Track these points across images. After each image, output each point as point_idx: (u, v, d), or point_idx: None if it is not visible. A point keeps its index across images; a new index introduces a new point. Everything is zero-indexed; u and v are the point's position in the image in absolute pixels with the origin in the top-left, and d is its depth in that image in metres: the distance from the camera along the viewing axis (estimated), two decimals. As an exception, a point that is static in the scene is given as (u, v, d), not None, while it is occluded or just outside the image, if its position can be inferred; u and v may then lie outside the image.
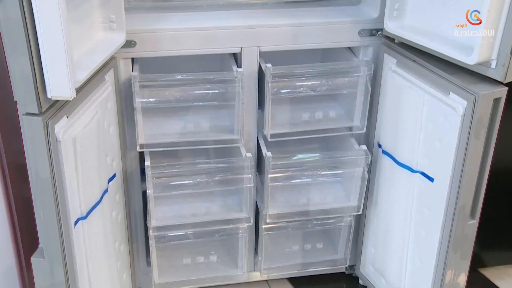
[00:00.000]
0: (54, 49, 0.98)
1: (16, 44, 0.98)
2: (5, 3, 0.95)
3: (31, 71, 1.00)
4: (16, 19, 0.95)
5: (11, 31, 0.97)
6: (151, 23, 1.34)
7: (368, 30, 1.40)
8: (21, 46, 0.98)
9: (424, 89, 1.26)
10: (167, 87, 1.33)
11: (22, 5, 0.95)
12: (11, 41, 0.98)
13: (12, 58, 1.00)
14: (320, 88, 1.39)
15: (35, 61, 1.00)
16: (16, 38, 0.97)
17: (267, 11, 1.44)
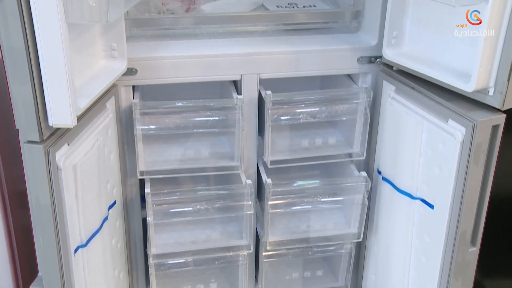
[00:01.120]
0: (56, 77, 0.99)
1: (18, 72, 0.99)
2: (9, 32, 0.96)
3: (33, 99, 1.01)
4: (19, 47, 0.97)
5: (14, 59, 0.98)
6: (152, 51, 1.35)
7: (366, 58, 1.42)
8: (23, 74, 0.99)
9: (423, 116, 1.26)
10: (168, 114, 1.34)
11: (25, 34, 0.96)
12: (14, 69, 0.99)
13: (15, 86, 1.00)
14: (320, 115, 1.39)
15: (37, 89, 1.01)
16: (19, 66, 0.98)
17: (267, 39, 1.45)
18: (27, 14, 0.95)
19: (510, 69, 1.08)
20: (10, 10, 0.94)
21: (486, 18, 1.05)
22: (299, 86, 1.50)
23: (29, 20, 0.96)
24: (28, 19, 0.96)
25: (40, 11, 0.95)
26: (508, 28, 1.07)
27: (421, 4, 1.25)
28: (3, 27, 0.96)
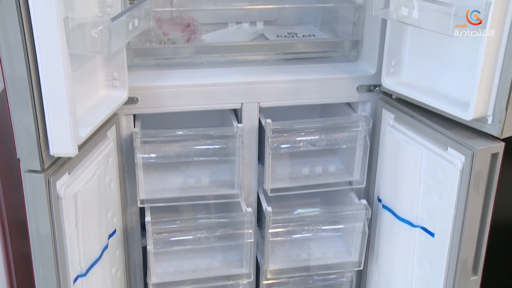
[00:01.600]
0: (58, 107, 1.00)
1: (21, 102, 1.00)
2: (12, 61, 0.97)
3: (35, 128, 1.01)
4: (22, 77, 0.98)
5: (17, 88, 0.99)
6: (153, 80, 1.36)
7: (366, 86, 1.43)
8: (25, 104, 1.00)
9: (423, 144, 1.27)
10: (168, 143, 1.35)
11: (28, 63, 0.97)
12: (16, 98, 1.00)
13: (17, 115, 1.01)
14: (320, 143, 1.40)
15: (38, 119, 1.01)
16: (21, 95, 0.99)
17: (267, 68, 1.47)
18: (30, 44, 0.97)
19: (508, 98, 1.09)
20: (14, 40, 0.96)
21: (483, 48, 1.07)
22: (299, 114, 1.51)
23: (32, 50, 0.97)
24: (31, 49, 0.97)
25: (43, 42, 0.96)
26: (504, 59, 1.08)
27: (419, 34, 1.27)
28: (6, 56, 0.97)
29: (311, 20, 1.72)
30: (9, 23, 0.95)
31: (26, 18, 0.95)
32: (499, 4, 1.04)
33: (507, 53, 1.07)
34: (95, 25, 1.02)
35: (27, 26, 0.95)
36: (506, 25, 1.06)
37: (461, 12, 1.07)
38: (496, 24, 1.05)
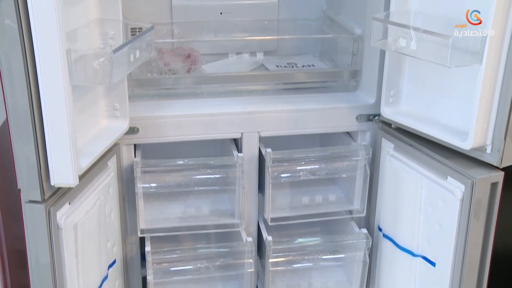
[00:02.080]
0: (59, 137, 1.01)
1: (22, 132, 1.01)
2: (14, 91, 0.98)
3: (36, 159, 1.02)
4: (24, 107, 0.99)
5: (19, 119, 1.00)
6: (154, 110, 1.37)
7: (365, 116, 1.44)
8: (27, 134, 1.01)
9: (422, 173, 1.27)
10: (169, 172, 1.35)
11: (30, 94, 0.98)
12: (17, 128, 1.01)
13: (18, 145, 1.02)
14: (320, 172, 1.40)
15: (40, 149, 1.02)
16: (23, 125, 1.00)
17: (267, 97, 1.48)
18: (32, 75, 0.98)
19: (506, 128, 1.10)
20: (17, 71, 0.97)
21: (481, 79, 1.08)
22: (299, 144, 1.52)
23: (34, 81, 0.98)
24: (33, 80, 0.98)
25: (46, 73, 0.98)
26: (502, 89, 1.09)
27: (417, 64, 1.28)
28: (9, 87, 0.99)
29: (311, 50, 1.74)
30: (12, 54, 0.96)
31: (29, 49, 0.96)
32: (495, 36, 1.05)
33: (504, 83, 1.09)
34: (97, 57, 1.03)
35: (30, 57, 0.97)
36: (503, 57, 1.07)
37: (458, 43, 1.09)
38: (493, 56, 1.07)
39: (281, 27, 1.72)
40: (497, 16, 1.04)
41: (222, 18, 1.68)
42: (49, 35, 0.95)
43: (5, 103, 1.01)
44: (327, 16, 1.70)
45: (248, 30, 1.67)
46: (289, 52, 1.73)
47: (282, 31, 1.72)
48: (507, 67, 1.08)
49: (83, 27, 1.13)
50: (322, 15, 1.73)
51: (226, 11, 1.68)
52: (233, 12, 1.69)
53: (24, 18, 0.94)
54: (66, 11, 1.02)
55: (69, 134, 1.01)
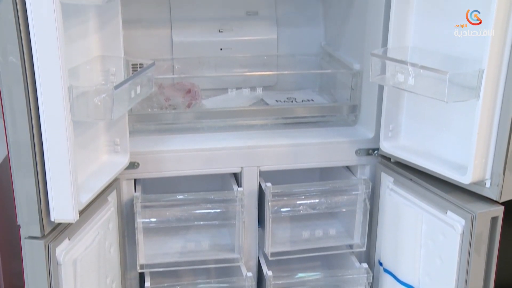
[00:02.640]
0: (60, 173, 1.02)
1: (23, 167, 1.01)
2: (16, 128, 0.99)
3: (36, 194, 1.02)
4: (25, 142, 1.00)
5: (20, 154, 1.01)
6: (154, 145, 1.38)
7: (364, 150, 1.44)
8: (28, 169, 1.01)
9: (422, 207, 1.27)
10: (169, 207, 1.35)
11: (32, 129, 0.99)
12: (18, 163, 1.02)
13: (19, 181, 1.02)
14: (320, 207, 1.40)
15: (40, 185, 1.03)
16: (24, 160, 1.01)
17: (266, 132, 1.49)
18: (34, 111, 0.99)
19: (505, 162, 1.10)
20: (19, 106, 0.98)
21: (478, 114, 1.09)
22: (298, 178, 1.52)
23: (36, 116, 0.99)
24: (35, 116, 0.99)
25: (47, 109, 0.99)
26: (500, 124, 1.10)
27: (416, 99, 1.29)
28: (11, 122, 1.00)
29: (310, 85, 1.75)
30: (15, 90, 0.97)
31: (32, 85, 0.98)
32: (491, 72, 1.07)
33: (502, 118, 1.10)
34: (99, 93, 1.05)
35: (32, 94, 0.98)
36: (499, 92, 1.09)
37: (456, 78, 1.10)
38: (490, 91, 1.08)
39: (281, 63, 1.75)
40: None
41: (222, 54, 1.71)
42: (52, 72, 0.96)
43: (7, 138, 1.02)
44: (326, 52, 1.72)
45: (248, 66, 1.69)
46: (289, 87, 1.74)
47: (281, 67, 1.74)
48: (504, 102, 1.09)
49: (85, 63, 1.15)
50: (321, 51, 1.76)
51: (226, 47, 1.71)
52: (233, 48, 1.71)
53: (27, 55, 0.96)
54: (69, 48, 1.04)
55: (70, 170, 1.01)
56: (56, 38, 0.94)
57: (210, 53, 1.70)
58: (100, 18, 1.17)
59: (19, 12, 0.94)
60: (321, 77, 1.74)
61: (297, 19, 1.77)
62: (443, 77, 1.10)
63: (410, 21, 1.27)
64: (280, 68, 1.73)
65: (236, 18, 1.73)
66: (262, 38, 1.74)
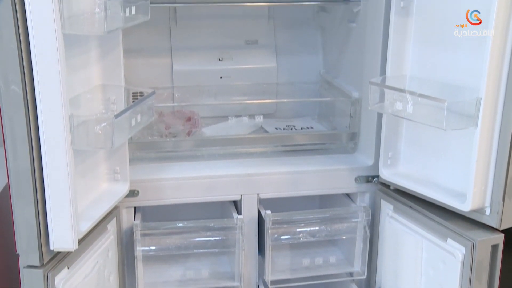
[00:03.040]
0: (60, 202, 1.02)
1: (23, 195, 1.02)
2: (17, 156, 1.00)
3: (36, 223, 1.02)
4: (26, 170, 1.00)
5: (20, 182, 1.01)
6: (154, 172, 1.39)
7: (364, 177, 1.45)
8: (28, 197, 1.01)
9: (422, 235, 1.27)
10: (168, 235, 1.35)
11: (32, 158, 1.00)
12: (18, 192, 1.02)
13: (18, 209, 1.03)
14: (320, 234, 1.40)
15: (40, 213, 1.03)
16: (24, 189, 1.01)
17: (266, 160, 1.49)
18: (35, 139, 1.00)
19: (504, 190, 1.10)
20: (20, 134, 0.99)
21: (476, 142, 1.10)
22: (298, 205, 1.52)
23: (36, 145, 1.00)
24: (36, 144, 1.00)
25: (48, 138, 0.99)
26: (498, 152, 1.11)
27: (415, 126, 1.30)
28: (12, 150, 1.00)
29: (309, 112, 1.77)
30: (16, 119, 0.98)
31: (33, 114, 0.98)
32: (489, 100, 1.08)
33: (500, 146, 1.10)
34: (99, 122, 1.05)
35: (33, 122, 0.99)
36: (497, 120, 1.09)
37: (454, 106, 1.11)
38: (488, 119, 1.09)
39: (280, 90, 1.76)
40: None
41: (222, 82, 1.72)
42: (53, 102, 0.97)
43: (7, 167, 1.02)
44: (325, 80, 1.74)
45: (248, 93, 1.71)
46: (288, 115, 1.76)
47: (281, 94, 1.76)
48: (502, 130, 1.10)
49: (86, 92, 1.16)
50: (320, 79, 1.77)
51: (225, 75, 1.73)
52: (232, 76, 1.73)
53: (29, 84, 0.97)
54: (70, 77, 1.05)
55: (70, 199, 1.02)
56: (58, 68, 0.95)
57: (210, 81, 1.72)
58: (101, 48, 1.18)
59: (22, 41, 0.95)
60: (320, 104, 1.76)
61: (296, 48, 1.79)
62: (441, 105, 1.10)
63: (408, 49, 1.28)
64: (279, 96, 1.75)
65: (235, 47, 1.75)
66: (262, 66, 1.76)
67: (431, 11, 1.22)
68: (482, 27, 1.09)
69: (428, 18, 1.23)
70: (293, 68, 1.78)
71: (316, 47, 1.80)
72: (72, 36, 1.03)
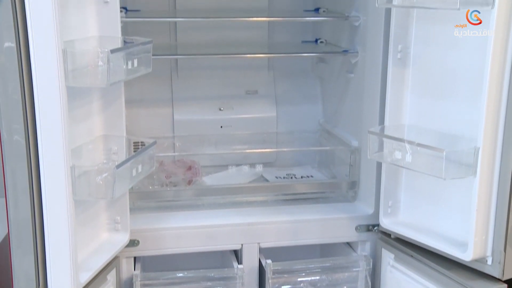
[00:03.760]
0: (60, 253, 1.02)
1: (23, 244, 1.02)
2: (18, 206, 1.00)
3: (35, 274, 1.02)
4: (26, 220, 1.01)
5: (20, 231, 1.01)
6: (154, 222, 1.38)
7: (364, 226, 1.44)
8: (27, 247, 1.02)
9: (424, 285, 1.26)
10: (168, 285, 1.33)
11: (33, 209, 1.00)
12: (18, 241, 1.02)
13: (17, 259, 1.03)
14: (321, 284, 1.39)
15: (39, 263, 1.02)
16: (24, 238, 1.02)
17: (266, 209, 1.49)
18: (37, 190, 1.00)
19: (505, 239, 1.10)
20: (22, 185, 1.00)
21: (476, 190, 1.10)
22: (299, 254, 1.51)
23: (38, 195, 1.01)
24: (37, 195, 1.01)
25: (50, 189, 1.00)
26: (498, 201, 1.11)
27: (414, 175, 1.30)
28: (13, 201, 1.01)
29: (309, 161, 1.78)
30: (19, 170, 0.99)
31: (35, 165, 1.00)
32: (487, 149, 1.09)
33: (500, 194, 1.11)
34: (100, 172, 1.06)
35: (35, 173, 1.00)
36: (496, 168, 1.10)
37: (452, 155, 1.12)
38: (487, 168, 1.09)
39: (280, 139, 1.78)
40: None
41: (223, 131, 1.74)
42: (55, 153, 0.99)
43: (8, 217, 1.02)
44: (324, 129, 1.76)
45: (248, 142, 1.72)
46: (288, 163, 1.77)
47: (280, 143, 1.77)
48: (501, 179, 1.10)
49: (87, 143, 1.17)
50: (320, 128, 1.79)
51: (226, 124, 1.75)
52: (233, 126, 1.75)
53: (32, 135, 0.98)
54: (73, 128, 1.06)
55: (70, 250, 1.02)
56: (61, 120, 0.97)
57: (210, 130, 1.73)
58: (104, 99, 1.20)
59: (26, 93, 0.97)
60: (320, 153, 1.77)
61: (296, 97, 1.82)
62: (440, 155, 1.11)
63: (406, 99, 1.30)
64: (279, 144, 1.76)
65: (236, 97, 1.78)
66: (262, 116, 1.78)
67: (427, 62, 1.25)
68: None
69: (425, 68, 1.25)
70: (293, 118, 1.80)
71: (315, 96, 1.83)
72: (75, 87, 1.05)
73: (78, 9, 1.10)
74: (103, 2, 1.13)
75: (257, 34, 1.78)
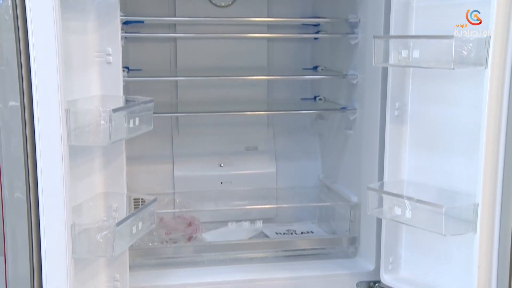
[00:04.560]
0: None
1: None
2: (17, 265, 1.00)
3: None
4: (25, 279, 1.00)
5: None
6: (154, 279, 1.37)
7: (365, 282, 1.43)
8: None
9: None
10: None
11: (32, 267, 1.00)
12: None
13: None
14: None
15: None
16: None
17: (267, 265, 1.48)
18: (36, 248, 1.00)
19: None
20: (21, 241, 0.99)
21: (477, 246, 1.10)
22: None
23: (37, 254, 1.01)
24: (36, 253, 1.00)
25: (49, 247, 1.00)
26: (499, 254, 1.10)
27: (414, 231, 1.29)
28: (12, 259, 1.00)
29: (309, 217, 1.78)
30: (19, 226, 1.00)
31: (35, 223, 1.00)
32: (486, 206, 1.09)
33: (501, 249, 1.10)
34: (101, 230, 1.06)
35: (35, 231, 1.00)
36: (496, 225, 1.10)
37: (452, 212, 1.12)
38: (486, 224, 1.09)
39: (280, 195, 1.79)
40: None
41: (223, 188, 1.75)
42: (56, 211, 0.99)
43: (6, 275, 1.02)
44: (324, 185, 1.76)
45: (248, 198, 1.73)
46: (288, 219, 1.76)
47: (280, 199, 1.77)
48: (502, 234, 1.10)
49: (88, 200, 1.17)
50: (319, 183, 1.80)
51: (226, 180, 1.76)
52: (233, 182, 1.76)
53: (33, 193, 0.99)
54: (74, 186, 1.07)
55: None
56: (63, 178, 0.98)
57: (210, 186, 1.74)
58: (105, 157, 1.21)
59: (28, 151, 0.98)
60: (320, 209, 1.77)
61: (295, 153, 1.84)
62: (440, 211, 1.12)
63: (404, 155, 1.31)
64: (279, 200, 1.77)
65: (236, 153, 1.79)
66: (262, 172, 1.80)
67: (424, 118, 1.26)
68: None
69: (422, 124, 1.27)
70: (293, 173, 1.81)
71: (315, 152, 1.84)
72: (78, 146, 1.06)
73: (82, 70, 1.12)
74: (106, 63, 1.16)
75: (256, 91, 1.82)
